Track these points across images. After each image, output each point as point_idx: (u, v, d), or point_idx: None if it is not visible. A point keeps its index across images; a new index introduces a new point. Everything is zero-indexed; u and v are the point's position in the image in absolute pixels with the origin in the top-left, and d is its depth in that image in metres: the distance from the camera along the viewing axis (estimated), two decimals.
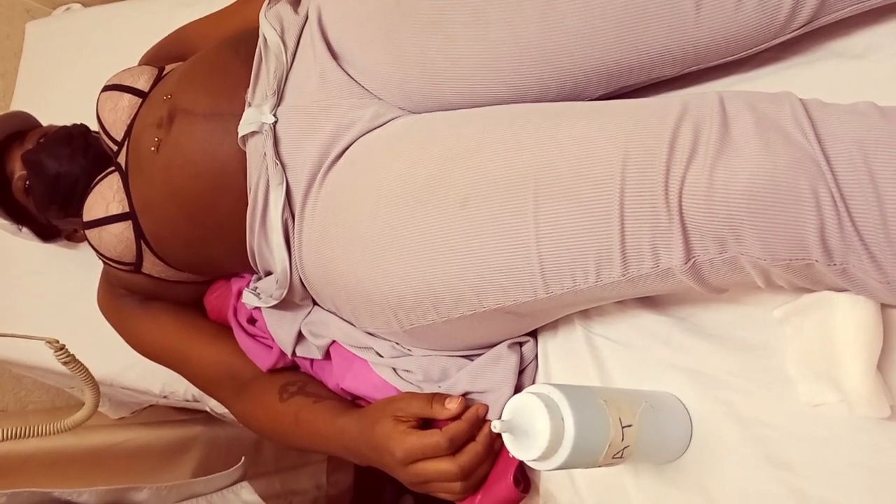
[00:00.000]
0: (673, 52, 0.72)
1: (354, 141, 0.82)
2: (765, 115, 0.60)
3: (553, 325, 0.80)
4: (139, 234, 0.95)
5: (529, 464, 0.58)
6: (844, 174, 0.56)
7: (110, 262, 0.99)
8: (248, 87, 0.87)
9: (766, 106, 0.61)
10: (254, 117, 0.84)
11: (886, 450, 0.60)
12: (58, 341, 0.73)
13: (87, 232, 0.97)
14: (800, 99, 0.61)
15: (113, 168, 0.98)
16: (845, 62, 0.72)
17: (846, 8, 0.67)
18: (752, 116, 0.60)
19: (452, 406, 0.75)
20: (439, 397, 0.76)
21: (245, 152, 0.86)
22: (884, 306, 0.61)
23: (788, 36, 0.70)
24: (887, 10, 0.69)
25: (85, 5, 1.73)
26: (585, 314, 0.77)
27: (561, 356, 0.78)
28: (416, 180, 0.74)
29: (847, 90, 0.66)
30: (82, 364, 0.77)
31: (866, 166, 0.55)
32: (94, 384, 0.79)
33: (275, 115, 0.84)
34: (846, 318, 0.60)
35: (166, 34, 1.17)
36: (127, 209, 0.95)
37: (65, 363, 0.76)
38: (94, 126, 1.05)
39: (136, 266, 0.98)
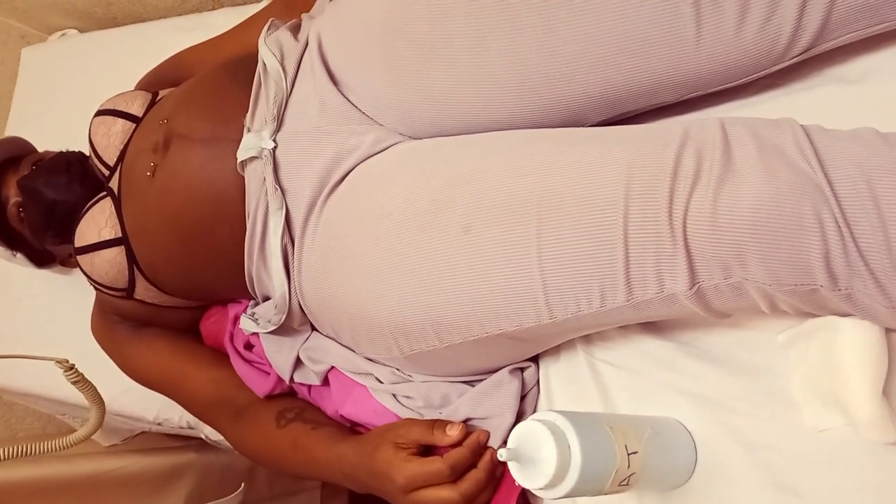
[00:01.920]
0: (673, 78, 0.72)
1: (355, 166, 0.82)
2: (767, 141, 0.60)
3: (555, 351, 0.79)
4: (132, 259, 0.94)
5: (535, 492, 0.57)
6: (848, 199, 0.56)
7: (102, 288, 0.98)
8: (246, 112, 0.87)
9: (768, 132, 0.61)
10: (253, 142, 0.84)
11: (894, 471, 0.59)
12: (67, 360, 0.73)
13: (78, 258, 0.97)
14: (801, 125, 0.62)
15: (105, 193, 0.98)
16: (844, 87, 0.72)
17: (845, 35, 0.68)
18: (755, 142, 0.60)
19: (453, 433, 0.74)
20: (440, 424, 0.76)
21: (243, 178, 0.85)
22: (889, 330, 0.61)
23: (788, 63, 0.71)
24: (884, 36, 0.70)
25: (81, 31, 1.73)
26: (588, 339, 0.77)
27: (564, 382, 0.78)
28: (417, 206, 0.73)
29: (846, 115, 0.67)
30: (90, 382, 0.77)
31: (870, 192, 0.55)
32: (100, 402, 0.79)
33: (274, 141, 0.84)
34: (851, 343, 0.60)
35: (162, 59, 1.17)
36: (119, 234, 0.94)
37: (74, 382, 0.75)
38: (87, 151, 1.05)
39: (128, 292, 0.97)
